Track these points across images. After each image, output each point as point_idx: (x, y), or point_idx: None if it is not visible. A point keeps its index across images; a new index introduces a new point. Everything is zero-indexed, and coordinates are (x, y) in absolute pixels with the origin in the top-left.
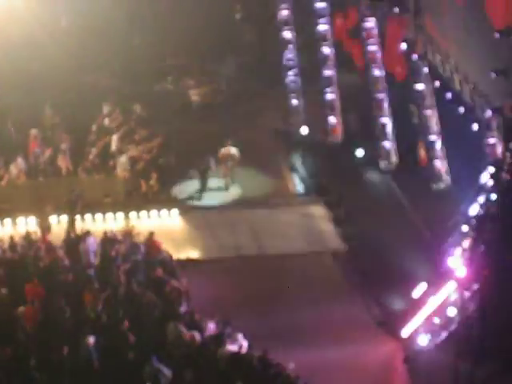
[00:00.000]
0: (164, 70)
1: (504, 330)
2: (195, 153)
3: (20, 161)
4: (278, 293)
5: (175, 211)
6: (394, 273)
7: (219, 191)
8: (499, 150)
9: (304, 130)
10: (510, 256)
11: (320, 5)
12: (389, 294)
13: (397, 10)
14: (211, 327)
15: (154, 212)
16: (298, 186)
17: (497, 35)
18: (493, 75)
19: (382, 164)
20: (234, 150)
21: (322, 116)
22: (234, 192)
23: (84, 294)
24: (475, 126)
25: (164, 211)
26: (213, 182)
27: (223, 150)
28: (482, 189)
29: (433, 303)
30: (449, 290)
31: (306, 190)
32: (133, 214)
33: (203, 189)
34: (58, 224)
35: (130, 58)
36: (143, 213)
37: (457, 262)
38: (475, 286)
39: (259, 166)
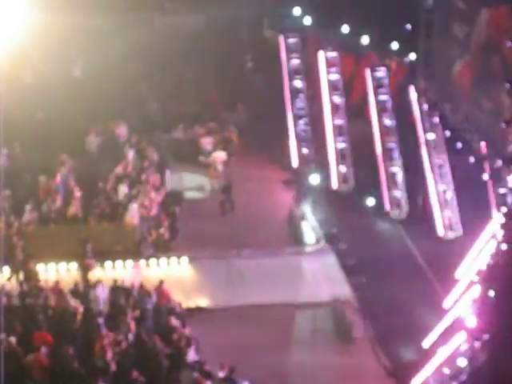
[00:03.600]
0: (175, 119)
1: None
2: None
3: (30, 208)
4: (286, 342)
5: (185, 259)
6: (403, 323)
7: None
8: (509, 199)
9: (314, 179)
10: None
11: (331, 54)
12: (399, 344)
13: (408, 59)
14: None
15: (163, 260)
16: (309, 235)
17: (507, 85)
18: (503, 125)
19: (393, 213)
20: (223, 154)
21: (333, 165)
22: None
23: (93, 342)
24: (485, 176)
25: (173, 259)
26: (197, 179)
27: (215, 154)
28: (492, 238)
29: (443, 354)
30: (459, 341)
31: (317, 238)
32: (142, 262)
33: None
34: (68, 272)
35: (141, 106)
36: (153, 261)
37: (467, 312)
38: (485, 337)
39: (270, 214)
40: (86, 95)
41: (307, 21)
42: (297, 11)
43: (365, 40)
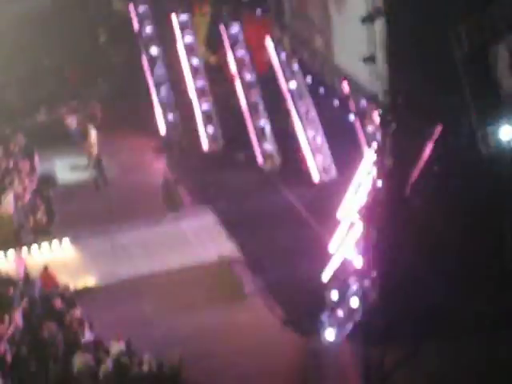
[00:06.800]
0: (37, 102)
1: (407, 314)
2: None
3: None
4: (179, 307)
5: (66, 240)
6: (292, 272)
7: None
8: (378, 136)
9: (183, 143)
10: (400, 239)
11: (183, 17)
12: (290, 293)
13: (259, 11)
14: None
15: (44, 245)
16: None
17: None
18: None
19: (266, 165)
20: (93, 133)
21: (200, 126)
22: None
23: None
24: (352, 117)
25: (55, 242)
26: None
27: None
28: (367, 176)
29: (334, 296)
30: (348, 282)
31: (198, 200)
32: (24, 250)
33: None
34: None
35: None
36: (34, 247)
37: (352, 252)
38: (373, 274)
39: (144, 184)
40: None
41: None
42: None
43: None
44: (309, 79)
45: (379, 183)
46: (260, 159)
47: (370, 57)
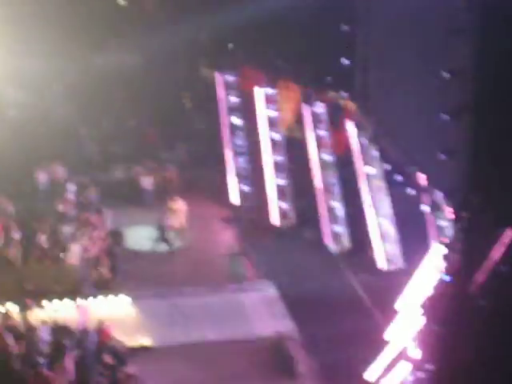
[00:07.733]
0: (115, 159)
1: None
2: None
3: None
4: (230, 379)
5: (126, 298)
6: (347, 357)
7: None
8: (450, 231)
9: (255, 215)
10: (464, 337)
11: (269, 91)
12: (343, 379)
13: (344, 94)
14: None
15: (103, 299)
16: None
17: (445, 117)
18: (441, 156)
19: (333, 247)
20: (181, 204)
21: (273, 201)
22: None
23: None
24: (425, 208)
25: (114, 298)
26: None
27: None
28: (434, 270)
29: None
30: (403, 372)
31: (262, 274)
32: (83, 302)
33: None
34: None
35: (80, 147)
36: (93, 300)
37: (410, 343)
38: (430, 367)
39: (210, 252)
40: (23, 137)
41: (242, 57)
42: (231, 47)
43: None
44: (386, 166)
45: (447, 278)
46: (328, 240)
47: (450, 151)
